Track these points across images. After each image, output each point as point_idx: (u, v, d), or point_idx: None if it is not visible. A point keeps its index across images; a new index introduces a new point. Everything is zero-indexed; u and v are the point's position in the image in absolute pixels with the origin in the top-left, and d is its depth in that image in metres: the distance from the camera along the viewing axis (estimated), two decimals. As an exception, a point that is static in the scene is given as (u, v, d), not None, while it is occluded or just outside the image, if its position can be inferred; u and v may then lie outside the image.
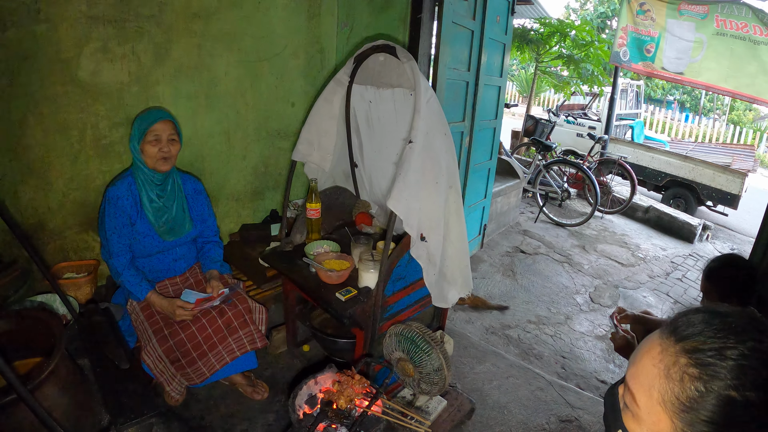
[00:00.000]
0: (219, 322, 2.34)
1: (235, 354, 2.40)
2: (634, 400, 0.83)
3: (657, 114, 14.10)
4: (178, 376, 2.30)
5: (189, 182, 2.54)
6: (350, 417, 1.82)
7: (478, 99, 3.98)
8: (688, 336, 0.78)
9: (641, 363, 0.83)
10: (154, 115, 2.25)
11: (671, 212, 6.91)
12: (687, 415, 0.75)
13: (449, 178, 2.32)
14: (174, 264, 2.49)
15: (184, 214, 2.47)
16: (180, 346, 2.25)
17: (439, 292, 2.38)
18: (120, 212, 2.24)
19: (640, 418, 0.82)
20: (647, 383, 0.80)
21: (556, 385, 3.07)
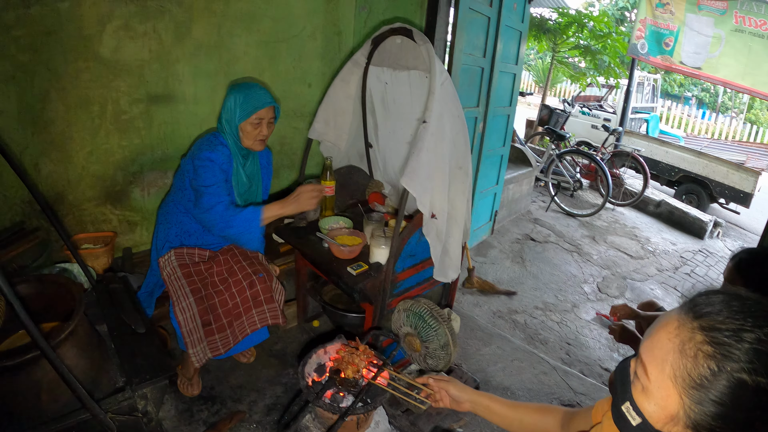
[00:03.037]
0: (248, 293, 2.37)
1: (256, 326, 2.45)
2: (645, 373, 0.83)
3: (674, 109, 13.93)
4: (205, 342, 2.32)
5: (264, 155, 2.59)
6: (357, 386, 1.88)
7: (492, 85, 3.99)
8: (707, 314, 0.78)
9: (657, 336, 0.83)
10: (261, 98, 2.26)
11: (683, 207, 6.87)
12: (696, 392, 0.76)
13: (459, 159, 2.36)
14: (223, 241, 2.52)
15: (258, 188, 2.55)
16: (213, 309, 2.30)
17: (441, 268, 2.43)
18: (218, 172, 2.23)
19: (649, 392, 0.83)
20: (661, 357, 0.81)
21: (560, 371, 3.10)
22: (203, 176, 2.23)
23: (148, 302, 2.47)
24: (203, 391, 2.52)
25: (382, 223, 2.49)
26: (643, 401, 0.84)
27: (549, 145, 6.87)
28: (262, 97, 2.28)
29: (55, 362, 1.24)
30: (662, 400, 0.81)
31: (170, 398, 2.44)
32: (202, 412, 2.40)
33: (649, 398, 0.83)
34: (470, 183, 2.44)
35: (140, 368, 1.72)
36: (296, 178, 3.65)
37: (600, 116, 8.87)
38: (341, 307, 2.77)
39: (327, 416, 1.84)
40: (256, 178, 2.51)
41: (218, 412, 2.41)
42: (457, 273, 2.50)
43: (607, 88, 9.75)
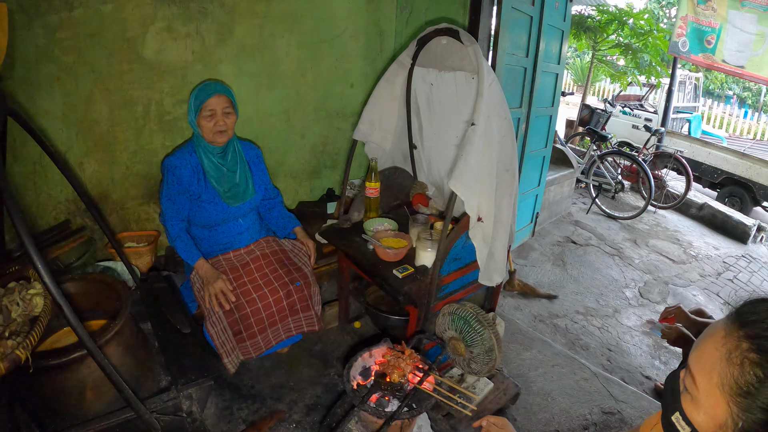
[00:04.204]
0: (284, 302, 2.41)
1: (291, 333, 2.50)
2: (694, 383, 0.83)
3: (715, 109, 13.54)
4: (237, 349, 2.37)
5: (250, 149, 2.60)
6: (402, 390, 1.87)
7: (535, 86, 3.93)
8: (752, 322, 0.78)
9: (704, 346, 0.84)
10: (207, 90, 2.28)
11: (726, 211, 6.67)
12: (744, 400, 0.76)
13: (506, 161, 2.32)
14: (239, 237, 2.55)
15: (248, 180, 2.52)
16: (244, 319, 2.33)
17: (486, 271, 2.40)
18: (176, 180, 2.31)
19: (698, 402, 0.83)
20: (708, 366, 0.81)
21: (601, 377, 3.04)
22: (162, 186, 2.34)
23: (191, 298, 2.50)
24: (244, 389, 2.54)
25: (427, 225, 2.47)
26: (693, 411, 0.84)
27: (590, 146, 6.76)
28: (210, 88, 2.30)
29: (102, 362, 1.25)
30: (711, 409, 0.81)
31: (211, 396, 2.44)
32: (242, 411, 2.41)
33: (698, 408, 0.83)
34: (516, 185, 2.41)
35: (185, 368, 1.74)
36: (337, 178, 3.66)
37: (641, 116, 8.67)
38: (384, 309, 2.76)
39: (371, 420, 1.83)
40: (243, 171, 2.50)
41: (258, 411, 2.42)
42: (502, 277, 2.47)
43: (647, 87, 9.54)
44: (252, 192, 2.54)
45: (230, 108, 2.35)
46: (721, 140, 9.28)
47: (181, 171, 2.32)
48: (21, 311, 1.39)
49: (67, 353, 1.41)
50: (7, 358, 1.18)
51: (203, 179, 2.38)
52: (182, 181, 2.32)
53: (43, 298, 1.44)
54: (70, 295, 1.73)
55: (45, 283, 1.10)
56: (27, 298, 1.42)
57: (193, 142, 2.38)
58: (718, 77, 16.79)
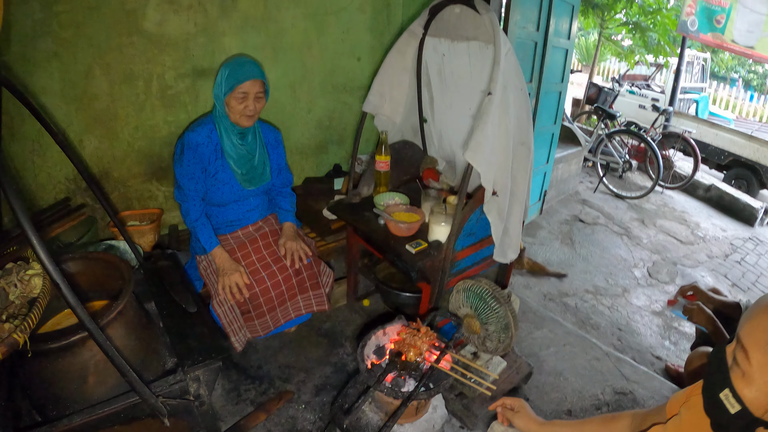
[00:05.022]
0: (293, 280, 2.38)
1: (300, 312, 2.47)
2: (746, 358, 0.80)
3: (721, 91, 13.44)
4: (245, 327, 2.34)
5: (270, 132, 2.52)
6: (418, 370, 1.82)
7: (546, 61, 3.86)
8: None
9: (758, 319, 0.80)
10: (244, 71, 2.17)
11: (733, 192, 6.64)
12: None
13: (522, 134, 2.25)
14: (248, 214, 2.50)
15: (265, 165, 2.46)
16: (253, 299, 2.29)
17: (501, 248, 2.35)
18: (198, 159, 2.23)
19: (751, 377, 0.79)
20: (764, 340, 0.78)
21: (612, 357, 3.01)
22: (183, 166, 2.23)
23: (196, 276, 2.45)
24: (251, 370, 2.51)
25: (440, 199, 2.40)
26: (744, 387, 0.81)
27: (598, 124, 6.69)
28: (248, 70, 2.19)
29: (104, 344, 1.19)
30: (765, 385, 0.78)
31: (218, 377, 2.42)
32: (249, 392, 2.38)
33: (750, 384, 0.80)
34: (532, 159, 2.33)
35: (192, 349, 1.67)
36: (344, 154, 3.59)
37: (648, 96, 8.60)
38: (395, 286, 2.71)
39: (387, 401, 1.79)
40: (261, 155, 2.43)
41: (266, 392, 2.39)
42: (516, 253, 2.41)
43: (655, 67, 9.43)
44: (268, 177, 2.49)
45: (262, 93, 2.26)
46: (729, 122, 9.22)
47: (203, 149, 2.24)
48: (19, 293, 1.33)
49: (66, 336, 1.34)
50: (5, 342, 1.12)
51: (221, 158, 2.30)
52: (203, 160, 2.25)
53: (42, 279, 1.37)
54: (70, 275, 1.67)
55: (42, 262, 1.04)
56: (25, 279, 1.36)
57: (213, 117, 2.29)
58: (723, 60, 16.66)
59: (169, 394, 1.56)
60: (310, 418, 2.27)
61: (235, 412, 2.26)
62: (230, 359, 2.53)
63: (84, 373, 1.44)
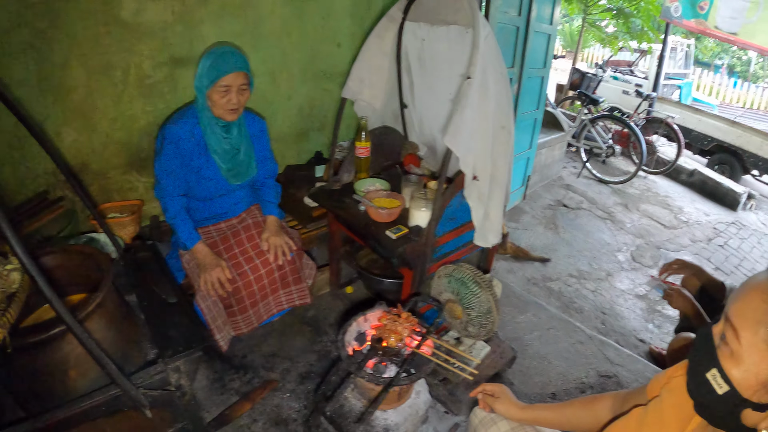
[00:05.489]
0: (276, 274, 2.35)
1: (283, 307, 2.46)
2: (736, 337, 0.78)
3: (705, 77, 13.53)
4: (228, 324, 2.31)
5: (255, 123, 2.45)
6: (400, 355, 1.81)
7: (527, 46, 3.85)
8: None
9: (748, 298, 0.79)
10: (227, 63, 2.08)
11: (716, 177, 6.71)
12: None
13: (503, 118, 2.24)
14: (234, 207, 2.47)
15: (251, 158, 2.41)
16: (236, 293, 2.26)
17: (482, 232, 2.34)
18: (179, 154, 2.17)
19: (739, 357, 0.78)
20: (754, 319, 0.76)
21: (596, 340, 3.03)
22: (162, 160, 2.17)
23: (178, 267, 2.42)
24: (235, 360, 2.50)
25: (420, 185, 2.39)
26: (732, 367, 0.78)
27: (581, 109, 6.71)
28: (230, 61, 2.09)
29: (82, 336, 1.18)
30: (754, 366, 0.76)
31: (201, 368, 2.42)
32: (234, 382, 2.37)
33: (738, 364, 0.78)
34: (512, 144, 2.32)
35: (172, 340, 1.67)
36: (326, 141, 3.56)
37: (631, 81, 8.61)
38: (377, 272, 2.70)
39: (368, 387, 1.78)
40: (247, 149, 2.37)
41: (250, 382, 2.38)
42: (497, 238, 2.41)
43: (638, 53, 9.46)
44: (254, 170, 2.45)
45: (246, 85, 2.18)
46: (712, 108, 9.28)
47: (185, 144, 2.17)
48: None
49: (45, 330, 1.33)
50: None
51: (206, 154, 2.24)
52: (185, 155, 2.19)
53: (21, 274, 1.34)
54: (49, 269, 1.66)
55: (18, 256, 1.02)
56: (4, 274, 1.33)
57: (195, 109, 2.20)
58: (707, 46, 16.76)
59: (150, 385, 1.56)
60: (295, 407, 2.27)
61: (220, 402, 2.24)
62: (214, 350, 2.49)
63: (65, 366, 1.43)
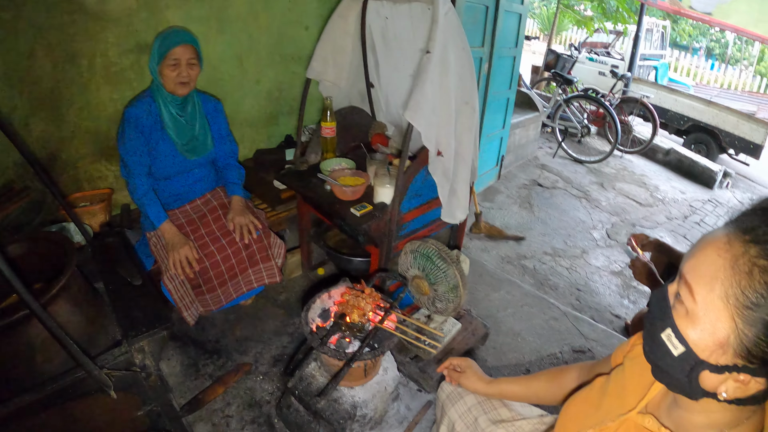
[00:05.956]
0: (243, 253, 2.36)
1: (252, 286, 2.44)
2: (691, 294, 0.74)
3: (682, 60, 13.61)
4: (196, 302, 2.32)
5: (209, 102, 2.50)
6: (363, 331, 1.82)
7: (498, 25, 3.85)
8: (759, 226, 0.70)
9: (702, 254, 0.75)
10: (174, 37, 2.17)
11: (692, 156, 6.78)
12: (752, 312, 0.68)
13: (466, 93, 2.24)
14: (194, 186, 2.48)
15: (206, 134, 2.44)
16: (203, 273, 2.27)
17: (449, 208, 2.35)
18: (139, 132, 2.22)
19: (695, 316, 0.74)
20: (709, 275, 0.72)
21: (571, 316, 3.07)
22: (125, 142, 2.22)
23: (147, 253, 2.41)
24: (208, 345, 2.50)
25: (385, 162, 2.39)
26: (687, 327, 0.75)
27: (556, 90, 6.74)
28: (177, 36, 2.19)
29: (44, 318, 1.17)
30: (710, 325, 0.72)
31: (175, 354, 2.43)
32: (207, 367, 2.37)
33: (694, 323, 0.74)
34: (477, 119, 2.32)
35: (136, 321, 1.66)
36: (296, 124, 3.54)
37: (607, 63, 8.65)
38: (346, 252, 2.70)
39: (333, 363, 1.79)
40: (202, 124, 2.42)
41: (224, 366, 2.38)
42: (465, 214, 2.42)
43: (614, 35, 9.50)
44: (210, 146, 2.47)
45: (195, 59, 2.26)
46: (688, 88, 9.34)
47: (143, 121, 2.22)
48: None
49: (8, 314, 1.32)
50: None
51: (161, 130, 2.29)
52: (144, 132, 2.24)
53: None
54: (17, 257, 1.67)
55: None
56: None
57: (152, 90, 2.27)
58: (685, 29, 16.85)
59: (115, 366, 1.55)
60: (268, 389, 2.27)
61: (194, 387, 2.25)
62: (188, 336, 2.52)
63: (31, 351, 1.43)
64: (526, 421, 1.43)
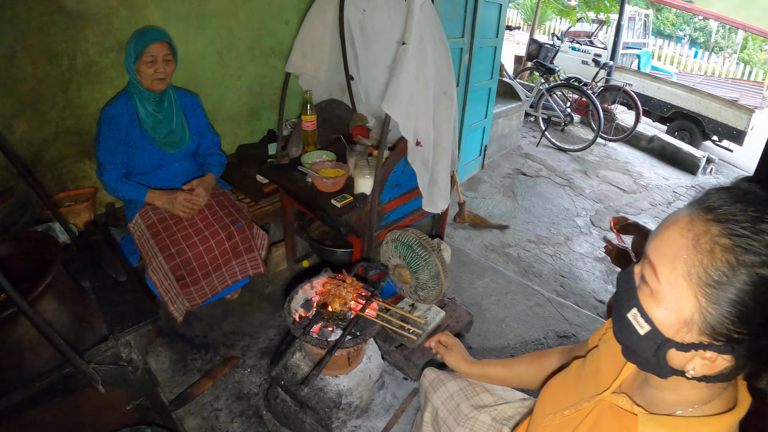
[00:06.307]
0: (226, 244, 2.38)
1: (237, 278, 2.47)
2: (654, 274, 0.76)
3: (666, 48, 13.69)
4: (182, 296, 2.33)
5: (186, 97, 2.55)
6: (345, 319, 1.84)
7: (478, 16, 3.86)
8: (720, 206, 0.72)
9: (665, 233, 0.76)
10: (149, 35, 2.23)
11: (675, 143, 6.83)
12: (714, 291, 0.69)
13: (444, 83, 2.27)
14: (174, 179, 2.50)
15: (184, 128, 2.48)
16: (186, 264, 2.29)
17: (430, 198, 2.38)
18: (115, 130, 2.26)
19: (659, 295, 0.75)
20: (672, 254, 0.74)
21: (555, 302, 3.10)
22: (98, 137, 2.29)
23: (132, 250, 2.43)
24: (196, 340, 2.51)
25: (365, 153, 2.41)
26: (652, 306, 0.76)
27: (538, 79, 6.77)
28: (152, 34, 2.25)
29: (31, 315, 1.19)
30: (675, 303, 0.73)
31: (164, 350, 2.44)
32: (195, 361, 2.39)
33: (659, 302, 0.75)
34: (455, 109, 2.35)
35: (122, 316, 1.68)
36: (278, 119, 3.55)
37: (590, 52, 8.69)
38: (329, 243, 2.72)
39: (316, 352, 1.81)
40: (179, 119, 2.47)
41: (212, 360, 2.40)
42: (446, 203, 2.45)
43: (597, 24, 9.54)
44: (188, 140, 2.50)
45: (171, 56, 2.32)
46: (671, 75, 9.39)
47: (119, 120, 2.27)
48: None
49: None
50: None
51: (139, 126, 2.33)
52: (120, 130, 2.28)
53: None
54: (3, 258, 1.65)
55: None
56: None
57: (128, 89, 2.32)
58: (668, 18, 16.93)
59: (102, 360, 1.58)
60: (256, 381, 2.30)
61: (182, 382, 2.27)
62: (175, 331, 2.54)
63: (20, 349, 1.44)
64: (507, 405, 1.46)
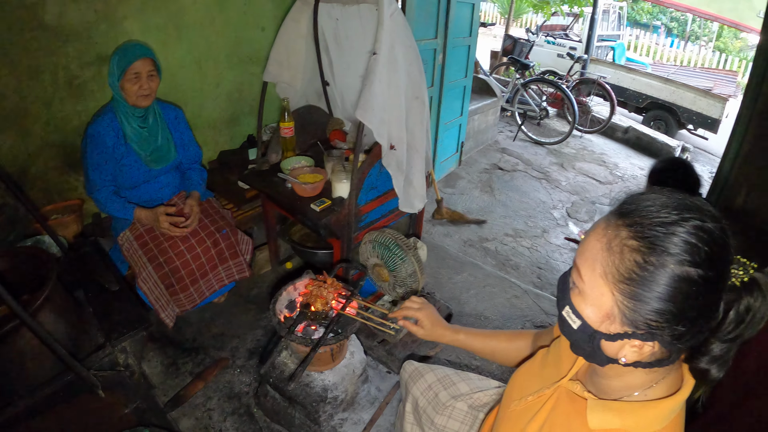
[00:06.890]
0: (212, 251, 2.44)
1: (224, 282, 2.54)
2: (579, 276, 0.86)
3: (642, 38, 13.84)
4: (172, 302, 2.40)
5: (169, 110, 2.57)
6: (327, 318, 1.93)
7: (450, 16, 3.94)
8: (631, 212, 0.81)
9: (587, 240, 0.87)
10: (132, 52, 2.24)
11: (650, 133, 6.93)
12: (626, 287, 0.79)
13: (415, 89, 2.36)
14: (160, 192, 2.55)
15: (169, 143, 2.51)
16: (175, 272, 2.34)
17: (406, 198, 2.47)
18: (101, 148, 2.28)
19: (585, 293, 0.86)
20: (591, 258, 0.84)
21: (532, 294, 3.20)
22: (86, 155, 2.31)
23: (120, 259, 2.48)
24: (186, 343, 2.58)
25: (342, 158, 2.50)
26: (581, 303, 0.87)
27: (513, 74, 6.86)
28: (135, 50, 2.27)
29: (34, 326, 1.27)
30: (597, 299, 0.84)
31: (155, 355, 2.50)
32: (186, 364, 2.46)
33: (585, 300, 0.86)
34: (428, 113, 2.45)
35: (117, 324, 1.76)
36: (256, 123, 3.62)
37: (565, 45, 8.79)
38: (311, 245, 2.81)
39: (301, 350, 1.89)
40: (164, 134, 2.50)
41: (203, 362, 2.47)
42: (422, 203, 2.54)
43: (572, 17, 9.65)
44: (174, 155, 2.55)
45: (155, 71, 2.33)
46: (645, 66, 9.51)
47: (105, 138, 2.29)
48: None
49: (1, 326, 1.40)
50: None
51: (125, 144, 2.35)
52: (107, 148, 2.30)
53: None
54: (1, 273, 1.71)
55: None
56: None
57: (112, 105, 2.34)
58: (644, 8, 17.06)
59: (100, 366, 1.65)
60: (246, 381, 2.38)
61: (175, 385, 2.33)
62: (166, 337, 2.60)
63: (22, 359, 1.50)
64: (483, 393, 1.54)
